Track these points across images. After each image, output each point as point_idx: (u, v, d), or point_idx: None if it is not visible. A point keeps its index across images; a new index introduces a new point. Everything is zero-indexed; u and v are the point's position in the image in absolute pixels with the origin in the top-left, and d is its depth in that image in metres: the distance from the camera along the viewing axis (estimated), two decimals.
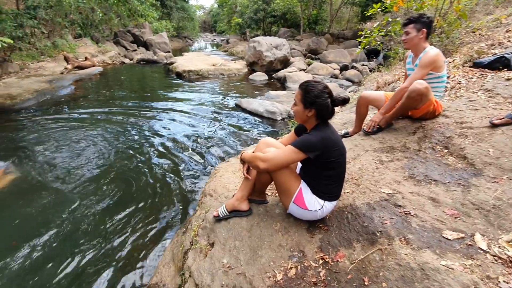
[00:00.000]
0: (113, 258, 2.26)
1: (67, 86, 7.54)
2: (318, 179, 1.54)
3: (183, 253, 1.89)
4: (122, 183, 3.20)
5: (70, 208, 2.76)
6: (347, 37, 16.35)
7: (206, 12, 53.65)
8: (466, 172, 1.66)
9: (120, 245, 2.38)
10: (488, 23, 4.68)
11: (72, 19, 11.68)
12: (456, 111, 2.32)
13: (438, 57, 2.13)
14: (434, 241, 1.26)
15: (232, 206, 1.81)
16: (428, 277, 1.10)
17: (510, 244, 1.15)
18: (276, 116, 5.33)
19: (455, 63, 3.57)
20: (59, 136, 4.33)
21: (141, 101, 6.55)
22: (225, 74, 10.14)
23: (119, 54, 13.48)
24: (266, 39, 10.92)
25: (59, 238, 2.43)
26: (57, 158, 3.65)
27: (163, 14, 22.90)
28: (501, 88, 2.43)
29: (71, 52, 10.55)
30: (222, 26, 34.30)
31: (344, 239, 1.48)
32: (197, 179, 3.34)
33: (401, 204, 1.54)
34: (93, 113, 5.50)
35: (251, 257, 1.54)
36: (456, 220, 1.35)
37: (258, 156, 1.52)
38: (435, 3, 4.43)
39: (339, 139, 1.51)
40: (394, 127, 2.41)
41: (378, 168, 1.95)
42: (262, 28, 21.63)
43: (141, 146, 4.14)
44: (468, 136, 1.94)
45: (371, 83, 5.79)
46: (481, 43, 3.97)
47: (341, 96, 1.50)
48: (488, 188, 1.48)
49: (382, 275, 1.20)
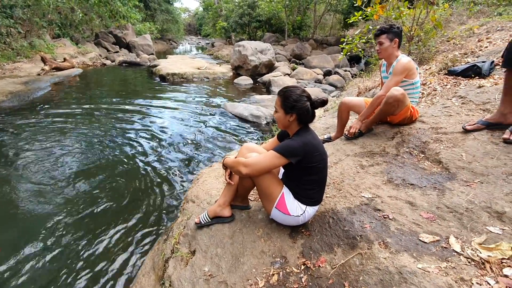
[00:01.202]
0: (90, 267, 2.16)
1: (44, 88, 7.24)
2: (300, 184, 1.55)
3: (163, 262, 1.84)
4: (100, 190, 3.08)
5: (45, 216, 2.63)
6: (331, 43, 16.73)
7: (191, 15, 53.31)
8: (441, 176, 1.72)
9: (98, 254, 2.29)
10: (462, 33, 4.94)
11: (51, 19, 11.25)
12: (432, 116, 2.42)
13: (410, 64, 2.23)
14: (411, 245, 1.29)
15: (214, 213, 1.78)
16: (406, 280, 1.12)
17: (482, 246, 1.19)
18: (261, 120, 5.35)
19: (431, 71, 3.73)
20: (34, 140, 4.13)
21: (123, 104, 6.38)
22: (210, 78, 10.09)
23: (100, 55, 13.11)
24: (251, 44, 10.98)
25: (36, 246, 2.31)
26: (31, 164, 3.48)
27: (146, 16, 22.53)
28: (473, 95, 2.55)
29: (49, 52, 10.17)
30: (207, 29, 34.18)
31: (325, 244, 1.49)
32: (180, 184, 3.27)
33: (380, 208, 1.57)
34: (71, 117, 5.30)
35: (233, 264, 1.52)
36: (432, 223, 1.39)
37: (240, 162, 1.51)
38: (412, 12, 4.62)
39: (320, 144, 1.52)
40: (374, 132, 2.47)
41: (359, 173, 1.99)
42: (247, 33, 21.75)
43: (121, 151, 4.02)
44: (443, 141, 2.01)
45: (353, 89, 5.94)
46: (455, 52, 4.17)
47: (320, 98, 1.51)
48: (462, 191, 1.54)
49: (362, 280, 1.21)
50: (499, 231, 1.25)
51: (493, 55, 3.34)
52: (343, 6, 16.35)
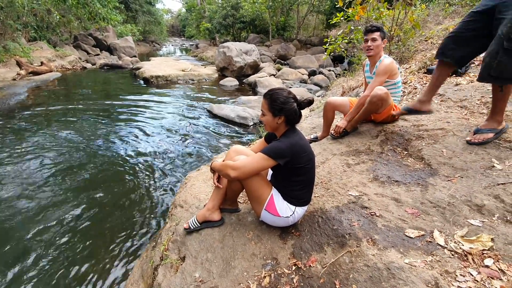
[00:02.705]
0: (75, 277, 2.09)
1: (20, 93, 6.94)
2: (289, 185, 1.56)
3: (152, 269, 1.80)
4: (84, 197, 2.99)
5: (27, 223, 2.53)
6: (314, 44, 16.97)
7: (174, 16, 52.64)
8: (424, 172, 1.78)
9: (83, 263, 2.21)
10: (439, 32, 5.13)
11: (26, 21, 10.78)
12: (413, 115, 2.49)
13: (392, 65, 2.29)
14: (398, 240, 1.32)
15: (203, 217, 1.76)
16: (394, 276, 1.15)
17: (464, 239, 1.24)
18: (247, 122, 5.34)
19: (411, 70, 3.85)
20: (10, 149, 3.95)
21: (105, 109, 6.21)
22: (195, 80, 9.99)
23: (79, 58, 12.70)
24: (236, 45, 10.97)
25: (18, 257, 2.22)
26: (7, 174, 3.32)
27: (128, 17, 22.04)
28: (451, 93, 2.65)
29: (25, 56, 9.73)
30: (191, 30, 33.86)
31: (315, 244, 1.50)
32: (167, 189, 3.22)
33: (367, 205, 1.60)
34: (49, 123, 5.10)
35: (224, 268, 1.51)
36: (417, 218, 1.44)
37: (228, 165, 1.50)
38: (392, 13, 4.76)
39: (308, 145, 1.54)
40: (359, 131, 2.52)
41: (346, 171, 2.02)
42: (232, 34, 21.72)
43: (104, 157, 3.91)
44: (424, 138, 2.08)
45: (337, 88, 6.04)
46: (433, 51, 4.33)
47: (306, 98, 1.53)
48: (443, 186, 1.59)
49: (352, 277, 1.23)
50: (479, 223, 1.31)
51: None
52: (325, 7, 16.64)
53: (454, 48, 1.77)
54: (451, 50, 1.79)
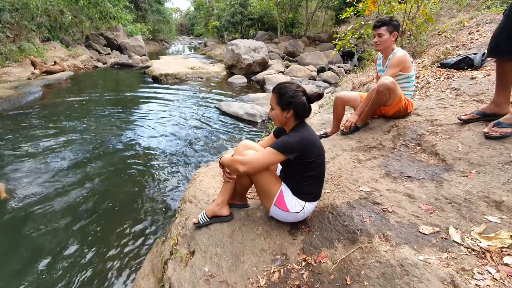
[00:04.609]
0: (87, 272, 2.13)
1: (35, 92, 7.11)
2: (299, 181, 1.54)
3: (162, 264, 1.82)
4: (97, 193, 3.04)
5: (40, 219, 2.59)
6: (323, 40, 16.75)
7: (182, 15, 52.92)
8: (438, 167, 1.73)
9: (96, 257, 2.26)
10: (452, 26, 4.98)
11: (40, 22, 11.04)
12: (426, 109, 2.42)
13: (405, 57, 2.23)
14: (411, 237, 1.29)
15: (213, 212, 1.76)
16: (408, 272, 1.11)
17: (481, 236, 1.20)
18: (256, 119, 5.33)
19: (424, 64, 3.75)
20: (26, 145, 4.05)
21: (116, 106, 6.31)
22: (204, 77, 10.03)
23: (91, 58, 12.93)
24: (244, 42, 10.94)
25: (30, 251, 2.28)
26: (23, 169, 3.41)
27: (137, 16, 22.29)
28: (466, 86, 2.56)
29: (39, 56, 9.98)
30: (199, 29, 33.99)
31: (326, 240, 1.48)
32: (176, 185, 3.25)
33: (379, 201, 1.57)
34: (64, 120, 5.22)
35: (233, 263, 1.51)
36: (431, 214, 1.39)
37: (237, 159, 1.49)
38: (403, 7, 4.64)
39: (317, 140, 1.51)
40: (370, 126, 2.47)
41: (356, 167, 1.98)
42: (240, 31, 21.67)
43: (117, 153, 3.97)
44: (438, 133, 2.02)
45: (347, 84, 5.95)
46: (446, 45, 4.20)
47: (315, 92, 1.51)
48: (459, 182, 1.54)
49: (364, 274, 1.20)
50: (497, 220, 1.26)
51: (484, 47, 3.37)
52: (335, 2, 16.36)
53: (509, 41, 1.65)
54: (507, 45, 1.66)
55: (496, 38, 1.71)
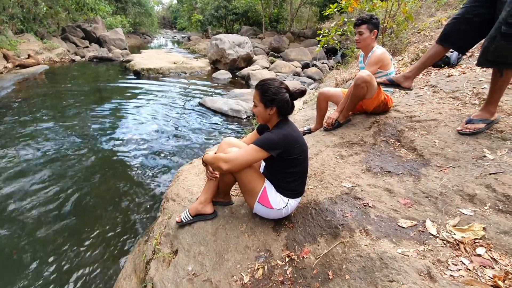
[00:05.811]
0: (67, 273, 2.06)
1: (7, 87, 6.73)
2: (282, 177, 1.54)
3: (145, 264, 1.78)
4: (76, 191, 2.93)
5: (17, 219, 2.46)
6: (308, 36, 16.87)
7: (165, 7, 51.51)
8: (416, 163, 1.78)
9: (76, 258, 2.18)
10: (431, 24, 5.13)
11: (12, 13, 10.38)
12: (406, 105, 2.49)
13: (384, 55, 2.28)
14: (390, 230, 1.32)
15: (196, 210, 1.74)
16: (387, 265, 1.14)
17: (456, 228, 1.25)
18: (241, 115, 5.30)
19: (404, 61, 3.85)
20: None
21: (95, 102, 6.08)
22: (187, 73, 9.84)
23: (68, 51, 12.35)
24: (228, 37, 10.81)
25: (4, 253, 2.16)
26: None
27: (117, 8, 21.46)
28: (443, 84, 2.66)
29: (12, 49, 9.39)
30: (182, 22, 33.24)
31: (309, 235, 1.50)
32: (159, 183, 3.18)
33: (360, 196, 1.60)
34: (38, 116, 4.96)
35: (217, 261, 1.50)
36: (409, 208, 1.44)
37: (220, 157, 1.47)
38: (385, 5, 4.73)
39: (300, 136, 1.52)
40: (352, 123, 2.51)
41: (339, 163, 2.02)
42: (224, 26, 21.39)
43: (96, 151, 3.83)
44: (417, 129, 2.08)
45: (331, 80, 6.02)
46: (425, 43, 4.33)
47: (298, 88, 1.51)
48: (436, 177, 1.60)
49: (345, 268, 1.23)
50: (471, 213, 1.31)
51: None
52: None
53: (458, 34, 1.75)
54: (454, 37, 1.77)
55: (448, 28, 1.83)
